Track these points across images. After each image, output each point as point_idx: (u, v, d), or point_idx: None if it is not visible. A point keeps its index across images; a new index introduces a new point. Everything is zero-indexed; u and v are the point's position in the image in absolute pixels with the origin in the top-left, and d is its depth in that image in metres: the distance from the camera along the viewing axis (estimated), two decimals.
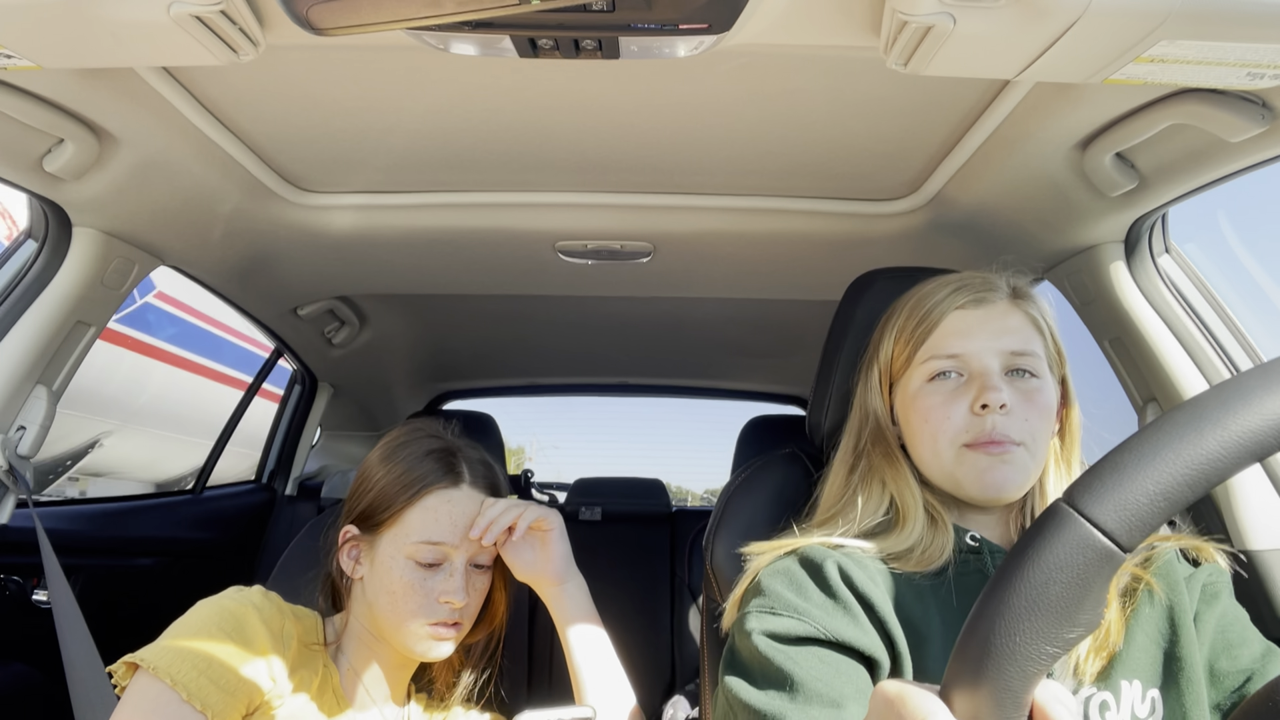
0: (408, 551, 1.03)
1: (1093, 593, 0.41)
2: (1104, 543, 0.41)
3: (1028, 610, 0.41)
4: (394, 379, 2.71)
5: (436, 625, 1.03)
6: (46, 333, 1.33)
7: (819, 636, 0.76)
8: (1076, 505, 0.42)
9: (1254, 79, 0.80)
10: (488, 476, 1.12)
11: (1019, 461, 0.83)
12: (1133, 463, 0.42)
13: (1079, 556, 0.41)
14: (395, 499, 1.05)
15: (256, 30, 0.82)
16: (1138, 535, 0.41)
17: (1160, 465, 0.41)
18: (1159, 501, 0.41)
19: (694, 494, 6.24)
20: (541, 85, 1.08)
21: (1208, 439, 0.41)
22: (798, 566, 0.84)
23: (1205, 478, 0.41)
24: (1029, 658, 0.41)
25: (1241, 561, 1.15)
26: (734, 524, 1.06)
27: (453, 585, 1.03)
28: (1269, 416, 0.40)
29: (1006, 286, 0.92)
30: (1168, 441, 0.41)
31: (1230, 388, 0.42)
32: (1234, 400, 0.41)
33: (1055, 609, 0.41)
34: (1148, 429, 0.43)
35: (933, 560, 0.84)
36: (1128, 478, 0.41)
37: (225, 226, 1.48)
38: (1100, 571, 0.41)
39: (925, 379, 0.89)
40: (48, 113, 1.05)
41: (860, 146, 1.25)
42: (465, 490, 1.08)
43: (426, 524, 1.04)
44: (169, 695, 0.89)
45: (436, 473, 1.07)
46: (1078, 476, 0.44)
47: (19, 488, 1.35)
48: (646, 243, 1.60)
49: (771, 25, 0.81)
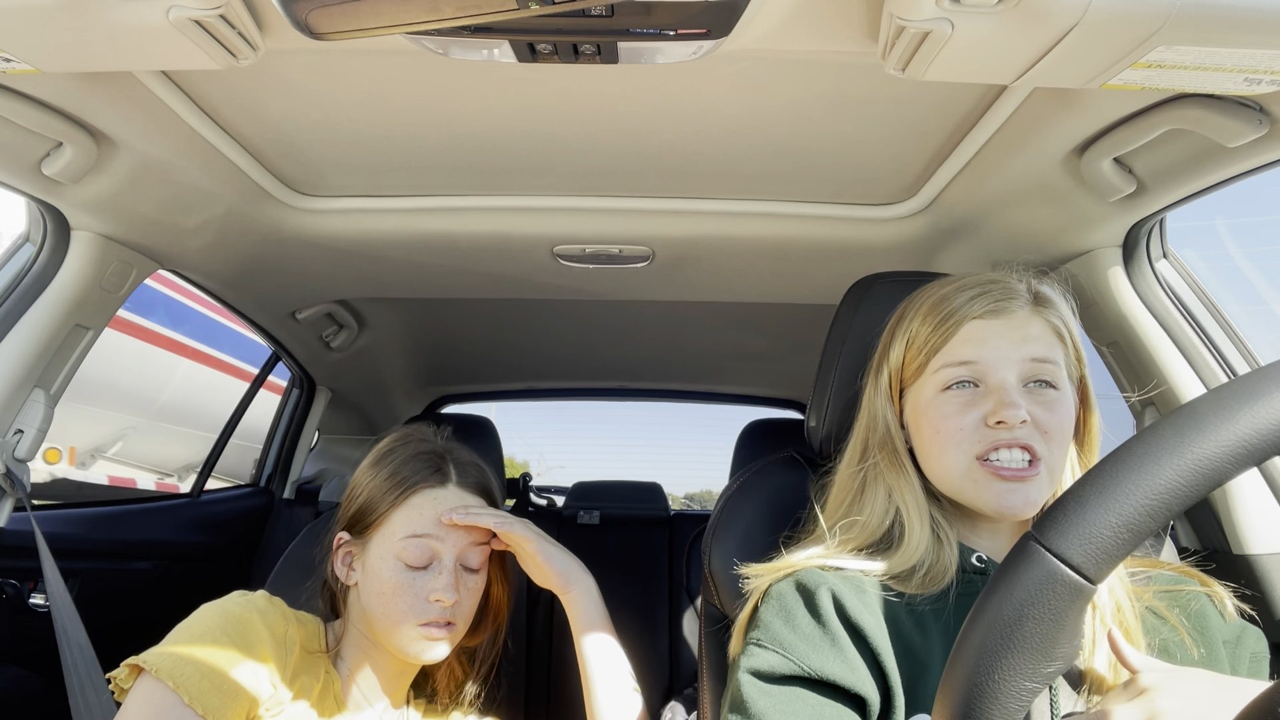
0: (395, 551, 1.03)
1: (1066, 626, 0.41)
2: (1072, 576, 0.41)
3: (1003, 648, 0.41)
4: (392, 383, 2.71)
5: (429, 625, 1.02)
6: (44, 336, 1.33)
7: (802, 674, 0.76)
8: (1043, 540, 0.42)
9: (1251, 84, 0.80)
10: (477, 478, 1.12)
11: (1037, 481, 0.80)
12: (1094, 495, 0.42)
13: (1048, 591, 0.41)
14: (382, 501, 1.06)
15: (255, 35, 0.82)
16: (1105, 567, 0.41)
17: (1120, 497, 0.41)
18: (1122, 533, 0.41)
19: (674, 497, 6.07)
20: (540, 90, 1.09)
21: (1164, 469, 0.41)
22: (792, 591, 0.82)
23: (1166, 506, 0.41)
24: (1009, 694, 0.41)
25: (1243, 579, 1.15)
26: (732, 528, 1.06)
27: (441, 583, 1.03)
28: (1224, 443, 0.40)
29: (1027, 293, 0.88)
30: (1125, 473, 0.42)
31: (1184, 415, 0.42)
32: (1189, 429, 0.41)
33: (1030, 645, 0.41)
34: (1107, 460, 0.43)
35: (936, 581, 0.81)
36: (1090, 510, 0.42)
37: (223, 230, 1.48)
38: (1071, 605, 0.41)
39: (939, 388, 0.86)
40: (46, 116, 1.06)
41: (858, 151, 1.25)
42: (452, 490, 1.08)
43: (412, 520, 1.04)
44: (172, 699, 0.89)
45: (423, 473, 1.07)
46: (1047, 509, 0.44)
47: (16, 491, 1.34)
48: (645, 247, 1.60)
49: (770, 30, 0.82)
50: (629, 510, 2.66)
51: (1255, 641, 0.82)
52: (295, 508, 2.52)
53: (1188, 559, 1.02)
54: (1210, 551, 1.23)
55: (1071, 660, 0.42)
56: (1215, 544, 1.23)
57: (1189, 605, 0.82)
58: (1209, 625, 0.81)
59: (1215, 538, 1.22)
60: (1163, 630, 0.80)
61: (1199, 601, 0.83)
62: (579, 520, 2.63)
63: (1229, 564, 1.18)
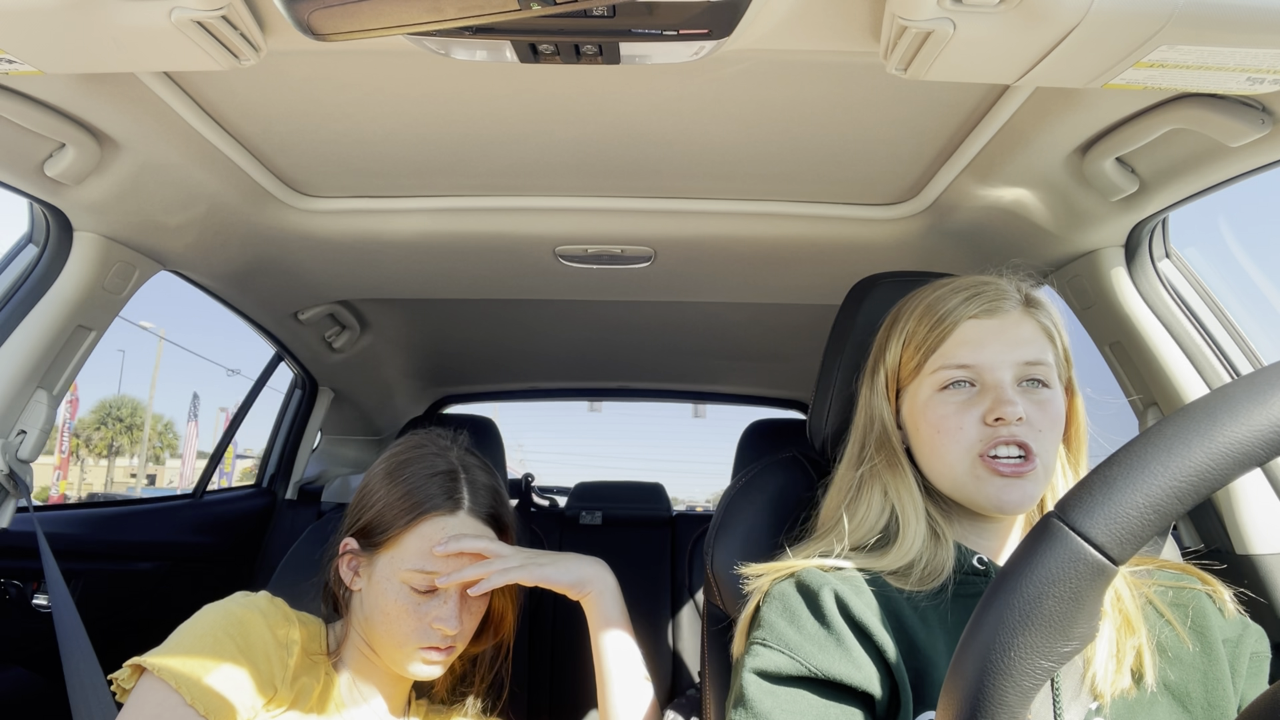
0: (403, 576, 1.03)
1: (1086, 606, 0.41)
2: (1095, 556, 0.41)
3: (1022, 625, 0.41)
4: (395, 383, 2.71)
5: (428, 649, 1.03)
6: (47, 337, 1.33)
7: (808, 675, 0.76)
8: (1067, 519, 0.42)
9: (1254, 84, 0.80)
10: (489, 504, 1.10)
11: (1034, 477, 0.82)
12: (1122, 476, 0.42)
13: (1071, 570, 0.41)
14: (394, 522, 1.04)
15: (258, 35, 0.82)
16: (1129, 548, 0.41)
17: (1149, 478, 0.41)
18: (1149, 514, 0.41)
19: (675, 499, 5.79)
20: (542, 90, 1.09)
21: (1195, 451, 0.41)
22: (794, 592, 0.83)
23: (1194, 489, 0.41)
24: (1024, 673, 0.41)
25: (1246, 579, 1.15)
26: (734, 528, 1.06)
27: (446, 612, 1.03)
28: (1256, 427, 0.40)
29: (1018, 294, 0.90)
30: (1155, 454, 0.42)
31: (1217, 399, 0.42)
32: (1221, 411, 0.41)
33: (1049, 623, 0.41)
34: (1136, 442, 0.43)
35: (934, 577, 0.83)
36: (1117, 491, 0.42)
37: (226, 231, 1.48)
38: (1093, 585, 0.41)
39: (936, 388, 0.87)
40: (49, 118, 1.06)
41: (860, 151, 1.25)
42: (462, 517, 1.06)
43: (421, 552, 1.03)
44: (174, 699, 0.89)
45: (437, 498, 1.06)
46: (1070, 489, 0.44)
47: (19, 492, 1.35)
48: (647, 247, 1.60)
49: (772, 31, 0.82)
50: (631, 511, 2.66)
51: (1256, 641, 0.82)
52: (298, 508, 2.52)
53: (1190, 558, 1.01)
54: (1213, 551, 1.23)
55: (1089, 640, 0.42)
56: (1218, 544, 1.22)
57: (1188, 602, 0.83)
58: (1209, 623, 0.81)
59: (1218, 537, 1.22)
60: (1160, 626, 0.81)
61: (1199, 599, 0.83)
62: (581, 521, 2.63)
63: (1232, 564, 1.18)
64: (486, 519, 1.09)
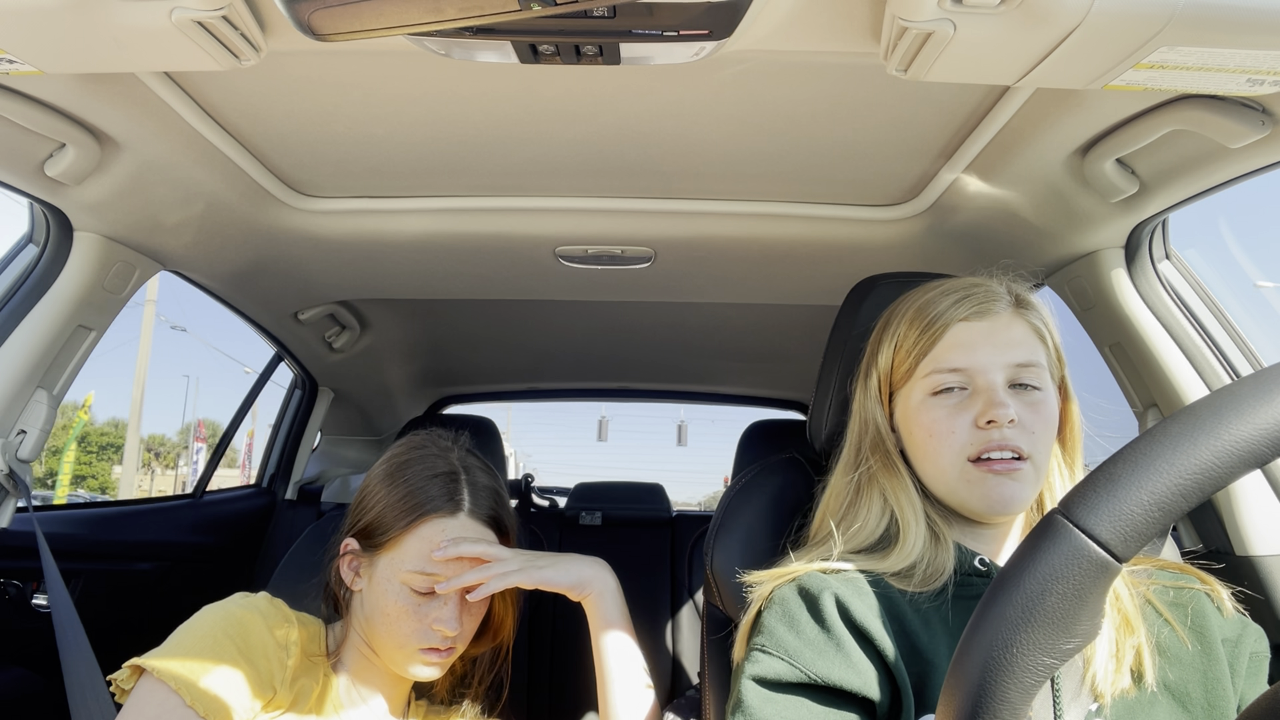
0: (403, 578, 1.03)
1: (1089, 603, 0.41)
2: (1099, 553, 0.41)
3: (1024, 621, 0.41)
4: (395, 383, 2.71)
5: (429, 651, 1.03)
6: (48, 337, 1.33)
7: (806, 681, 0.76)
8: (1071, 516, 0.42)
9: (1254, 85, 0.80)
10: (490, 506, 1.10)
11: (1025, 477, 0.82)
12: (1126, 473, 0.42)
13: (1074, 567, 0.41)
14: (394, 523, 1.04)
15: (258, 35, 0.82)
16: (1133, 545, 0.41)
17: (1154, 475, 0.41)
18: (1153, 511, 0.41)
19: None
20: (542, 91, 1.09)
21: (1201, 449, 0.41)
22: (795, 597, 0.83)
23: (1199, 487, 0.41)
24: (1026, 669, 0.41)
25: (1246, 581, 1.15)
26: (734, 529, 1.05)
27: (446, 614, 1.03)
28: (1262, 425, 0.40)
29: (1009, 295, 0.90)
30: (1161, 451, 0.42)
31: (1223, 396, 0.42)
32: (1227, 409, 0.41)
33: (1052, 620, 0.41)
34: (1141, 439, 0.43)
35: (935, 577, 0.82)
36: (1121, 488, 0.42)
37: (226, 231, 1.48)
38: (1096, 582, 0.41)
39: (928, 392, 0.87)
40: (49, 117, 1.06)
41: (861, 152, 1.25)
42: (462, 520, 1.06)
43: (422, 554, 1.03)
44: (173, 700, 0.89)
45: (437, 500, 1.05)
46: (1074, 486, 0.44)
47: (19, 492, 1.35)
48: (647, 248, 1.60)
49: (772, 31, 0.82)
50: (631, 511, 2.66)
51: (1256, 641, 0.82)
52: (297, 508, 2.52)
53: (1190, 559, 1.01)
54: (1213, 552, 1.23)
55: (1091, 638, 0.42)
56: (1218, 545, 1.22)
57: (1187, 602, 0.83)
58: (1208, 623, 0.81)
59: (1218, 538, 1.22)
60: (1159, 626, 0.81)
61: (1198, 599, 0.83)
62: (581, 521, 2.63)
63: (1232, 565, 1.18)
64: (487, 521, 1.09)
